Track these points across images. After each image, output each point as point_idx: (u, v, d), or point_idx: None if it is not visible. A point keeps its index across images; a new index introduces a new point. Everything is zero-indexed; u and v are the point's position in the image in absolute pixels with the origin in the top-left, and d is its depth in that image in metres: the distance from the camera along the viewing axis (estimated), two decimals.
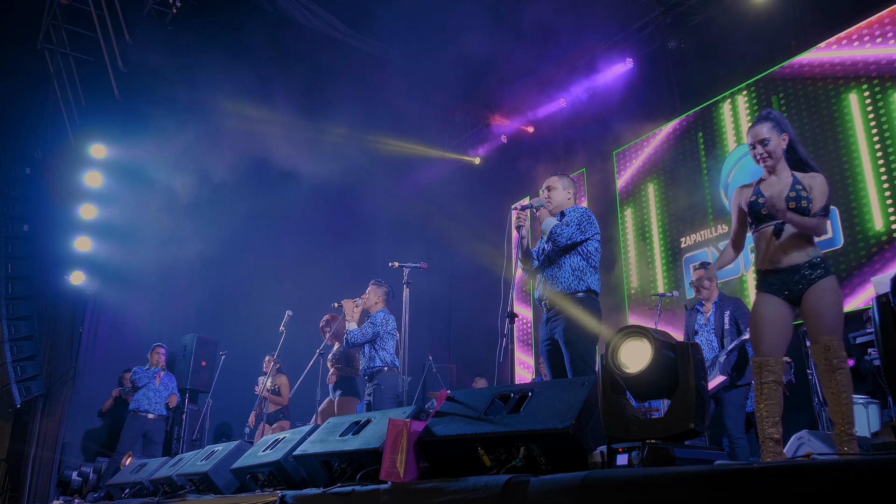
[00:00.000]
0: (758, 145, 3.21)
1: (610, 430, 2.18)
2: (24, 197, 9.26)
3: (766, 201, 3.09)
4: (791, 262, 3.03)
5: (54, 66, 9.34)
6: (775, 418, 2.93)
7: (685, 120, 8.35)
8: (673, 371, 2.13)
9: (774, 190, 3.12)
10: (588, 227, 3.88)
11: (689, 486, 1.64)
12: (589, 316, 3.70)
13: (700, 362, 2.15)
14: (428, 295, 9.35)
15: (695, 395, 2.07)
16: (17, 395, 8.35)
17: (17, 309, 8.71)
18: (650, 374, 2.13)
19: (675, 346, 2.15)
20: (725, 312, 5.22)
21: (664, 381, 2.14)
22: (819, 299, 2.95)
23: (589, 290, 3.79)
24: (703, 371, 2.15)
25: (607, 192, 9.26)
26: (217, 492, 4.13)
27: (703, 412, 2.09)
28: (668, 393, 2.14)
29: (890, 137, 6.35)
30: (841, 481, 1.38)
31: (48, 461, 8.44)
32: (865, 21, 6.71)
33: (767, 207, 3.06)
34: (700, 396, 2.09)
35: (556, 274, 3.83)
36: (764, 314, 3.05)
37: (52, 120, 9.58)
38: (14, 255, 8.95)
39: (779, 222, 3.05)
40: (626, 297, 8.67)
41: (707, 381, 2.16)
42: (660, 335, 2.19)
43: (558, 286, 3.80)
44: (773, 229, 3.07)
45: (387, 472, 2.61)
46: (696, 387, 2.08)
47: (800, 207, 3.03)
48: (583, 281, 3.79)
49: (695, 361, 2.11)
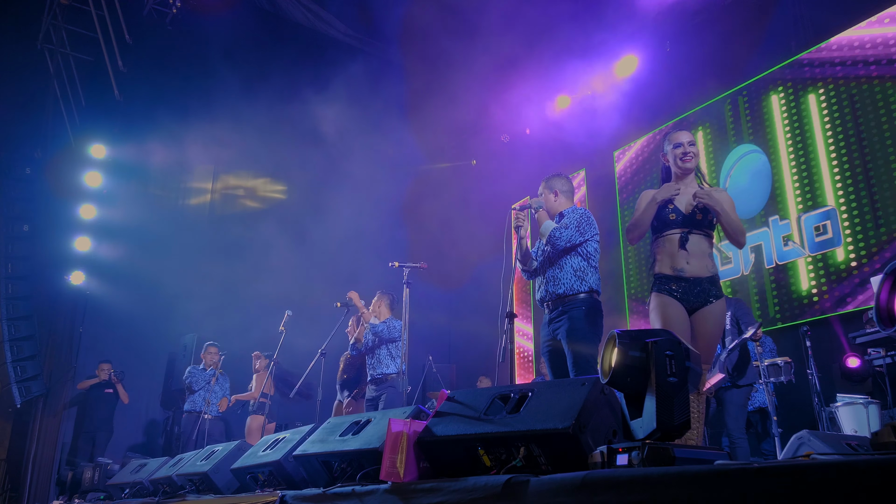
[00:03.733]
0: (686, 144, 3.37)
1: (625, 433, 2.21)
2: (24, 197, 9.25)
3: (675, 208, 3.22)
4: (695, 274, 3.13)
5: (54, 66, 9.34)
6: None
7: (685, 120, 8.35)
8: (644, 370, 2.13)
9: (683, 201, 3.25)
10: (587, 229, 3.88)
11: (689, 486, 1.64)
12: (591, 316, 3.71)
13: (670, 359, 2.11)
14: (428, 295, 9.35)
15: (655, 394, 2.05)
16: (17, 395, 8.35)
17: (17, 309, 8.71)
18: (621, 376, 2.14)
19: (643, 346, 2.14)
20: (727, 312, 5.23)
21: (637, 383, 2.14)
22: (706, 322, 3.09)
23: (591, 291, 3.80)
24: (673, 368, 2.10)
25: (607, 192, 9.26)
26: (217, 492, 4.12)
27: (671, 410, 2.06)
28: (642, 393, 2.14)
29: (890, 138, 6.35)
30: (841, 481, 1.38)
31: (48, 461, 8.45)
32: (865, 21, 6.71)
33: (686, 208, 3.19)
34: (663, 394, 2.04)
35: (558, 275, 3.83)
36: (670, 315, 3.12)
37: (52, 120, 9.58)
38: (14, 255, 8.94)
39: (685, 231, 3.17)
40: (626, 298, 8.67)
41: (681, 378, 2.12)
42: (632, 336, 2.17)
43: (560, 287, 3.80)
44: (679, 237, 3.18)
45: (387, 472, 2.61)
46: (658, 385, 2.05)
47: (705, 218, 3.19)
48: (585, 281, 3.79)
49: (660, 359, 2.08)
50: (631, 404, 2.24)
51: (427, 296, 9.19)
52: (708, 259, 3.17)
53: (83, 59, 9.34)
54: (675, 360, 2.11)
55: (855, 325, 5.87)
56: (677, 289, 3.14)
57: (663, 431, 2.03)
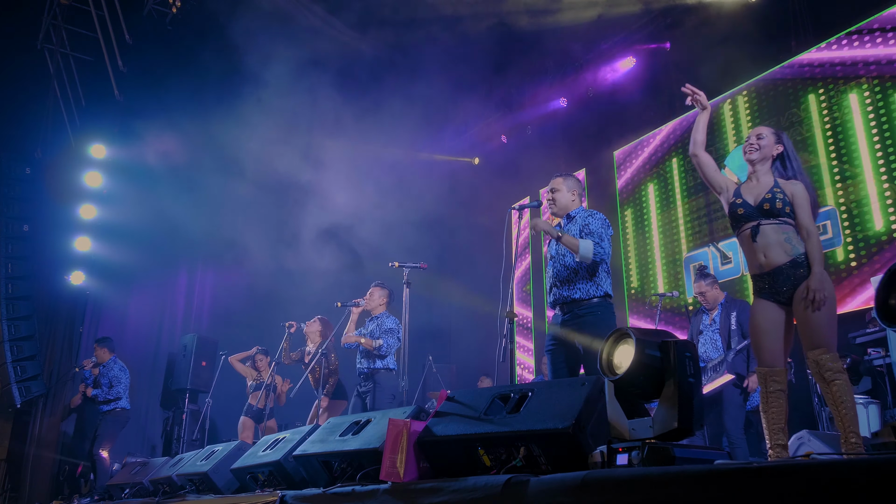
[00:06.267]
0: (752, 136, 3.24)
1: (613, 432, 2.19)
2: (24, 197, 9.26)
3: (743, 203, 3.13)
4: (773, 265, 3.02)
5: (54, 66, 9.34)
6: (781, 425, 2.96)
7: (685, 120, 8.35)
8: (660, 370, 2.12)
9: (753, 193, 3.15)
10: (609, 234, 3.90)
11: (689, 486, 1.64)
12: (606, 320, 3.72)
13: (689, 360, 2.12)
14: (428, 295, 9.35)
15: (677, 393, 2.06)
16: (17, 395, 8.35)
17: (17, 309, 8.71)
18: (635, 375, 2.13)
19: (661, 346, 2.14)
20: (732, 314, 5.23)
21: (651, 382, 2.14)
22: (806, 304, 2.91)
23: (605, 295, 3.81)
24: (692, 369, 2.12)
25: (607, 192, 9.25)
26: (217, 492, 4.12)
27: (690, 410, 2.07)
28: (656, 393, 2.14)
29: (890, 137, 6.35)
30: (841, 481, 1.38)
31: (48, 461, 8.45)
32: (866, 21, 6.71)
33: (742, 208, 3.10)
34: (685, 395, 2.06)
35: (573, 279, 3.81)
36: (759, 323, 3.06)
37: (52, 120, 9.59)
38: (14, 255, 8.94)
39: (755, 224, 3.07)
40: (626, 297, 8.67)
41: (697, 379, 2.12)
42: (647, 335, 2.18)
43: (576, 292, 3.80)
44: (749, 231, 3.09)
45: (387, 472, 2.61)
46: (680, 385, 2.07)
47: (774, 209, 3.05)
48: (600, 286, 3.80)
49: (680, 360, 2.09)
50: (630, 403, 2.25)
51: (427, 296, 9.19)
52: (785, 245, 3.01)
53: (83, 59, 9.34)
54: (692, 362, 2.12)
55: (855, 325, 5.86)
56: (763, 286, 3.05)
57: (682, 431, 2.03)
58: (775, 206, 3.04)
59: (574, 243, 3.75)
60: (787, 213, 3.05)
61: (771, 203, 3.05)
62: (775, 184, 3.13)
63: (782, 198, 3.05)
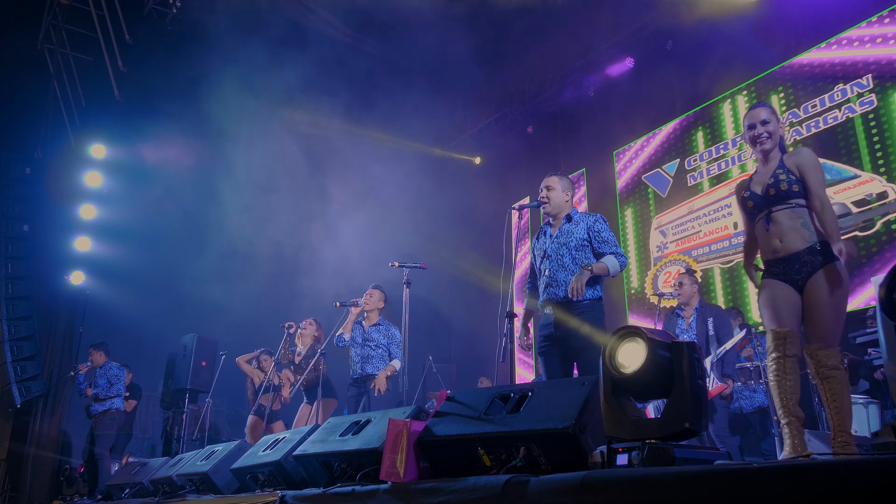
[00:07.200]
0: (758, 125, 3.06)
1: (611, 431, 2.18)
2: (24, 197, 9.26)
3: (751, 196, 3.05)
4: (789, 251, 2.91)
5: (54, 66, 9.34)
6: (798, 395, 2.81)
7: (685, 120, 8.35)
8: (669, 370, 2.13)
9: (761, 182, 3.04)
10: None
11: (689, 486, 1.64)
12: (598, 322, 3.72)
13: (696, 361, 2.14)
14: (428, 295, 9.35)
15: (689, 394, 2.07)
16: (17, 395, 8.35)
17: (17, 309, 8.71)
18: (645, 374, 2.13)
19: (670, 346, 2.15)
20: (708, 319, 5.21)
21: (660, 381, 2.14)
22: (817, 292, 2.81)
23: (598, 298, 3.81)
24: (699, 370, 2.14)
25: (607, 192, 9.25)
26: (217, 492, 4.12)
27: (700, 411, 2.08)
28: (664, 392, 2.14)
29: (890, 137, 6.35)
30: (841, 481, 1.38)
31: (48, 461, 8.45)
32: (865, 21, 6.72)
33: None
34: (696, 396, 2.08)
35: (568, 280, 3.79)
36: (776, 294, 2.90)
37: (52, 120, 9.59)
38: (14, 255, 8.95)
39: (766, 213, 2.98)
40: (626, 297, 8.67)
41: (703, 381, 2.15)
42: (655, 335, 2.18)
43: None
44: (763, 221, 3.00)
45: (387, 472, 2.61)
46: (692, 386, 2.08)
47: (780, 192, 2.94)
48: (595, 290, 3.80)
49: (690, 361, 2.10)
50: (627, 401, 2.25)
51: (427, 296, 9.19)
52: (802, 230, 2.88)
53: (83, 59, 9.34)
54: (699, 364, 2.14)
55: (855, 325, 5.86)
56: (777, 270, 2.93)
57: (692, 431, 2.04)
58: (780, 188, 2.93)
59: (603, 268, 3.75)
60: (796, 192, 2.92)
61: (776, 188, 2.94)
62: (779, 164, 3.01)
63: (786, 178, 2.93)
